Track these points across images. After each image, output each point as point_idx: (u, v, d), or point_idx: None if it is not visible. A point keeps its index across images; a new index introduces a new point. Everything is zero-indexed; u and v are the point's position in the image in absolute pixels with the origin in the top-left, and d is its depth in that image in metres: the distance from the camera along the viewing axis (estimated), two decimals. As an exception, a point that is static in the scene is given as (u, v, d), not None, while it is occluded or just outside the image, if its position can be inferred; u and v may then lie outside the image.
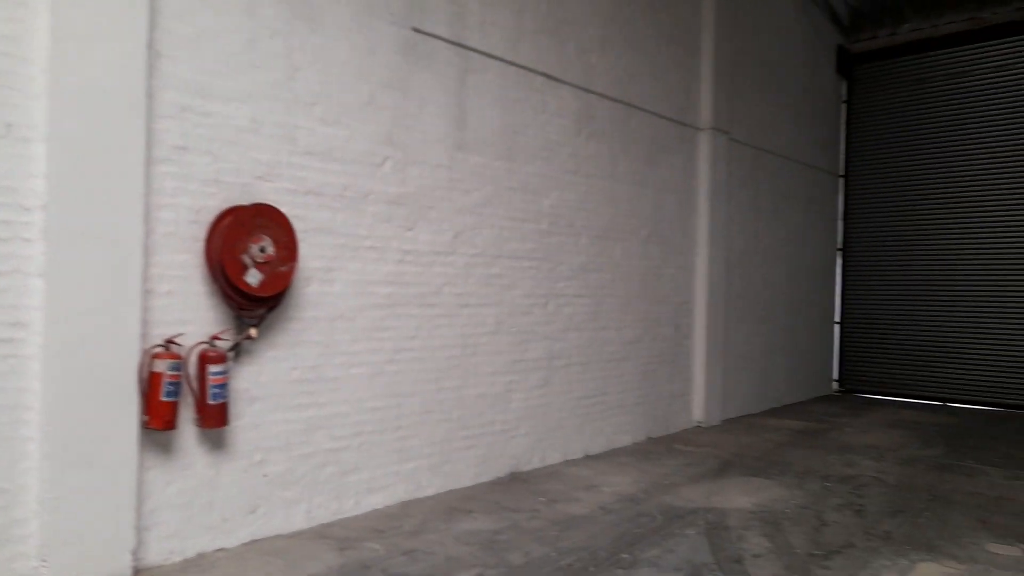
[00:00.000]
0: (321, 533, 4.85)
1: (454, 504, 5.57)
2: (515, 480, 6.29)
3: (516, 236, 6.52)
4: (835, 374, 12.30)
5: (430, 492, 5.75)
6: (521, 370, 6.57)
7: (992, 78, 10.99)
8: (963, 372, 11.15)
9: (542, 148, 6.75)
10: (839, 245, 12.32)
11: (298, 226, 4.74)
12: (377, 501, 5.37)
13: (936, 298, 11.42)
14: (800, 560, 4.60)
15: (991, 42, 10.99)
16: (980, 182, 11.07)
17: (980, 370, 11.01)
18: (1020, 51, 10.77)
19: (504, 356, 6.41)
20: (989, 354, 10.93)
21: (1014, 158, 10.79)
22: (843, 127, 12.32)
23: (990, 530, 5.21)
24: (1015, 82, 10.79)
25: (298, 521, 4.90)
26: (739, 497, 5.88)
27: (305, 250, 4.85)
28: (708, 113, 8.69)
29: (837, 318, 12.28)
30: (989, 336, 10.94)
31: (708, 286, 8.73)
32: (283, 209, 4.66)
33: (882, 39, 11.98)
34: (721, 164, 8.88)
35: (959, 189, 11.25)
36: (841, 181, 12.31)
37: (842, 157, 12.32)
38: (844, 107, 12.31)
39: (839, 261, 12.31)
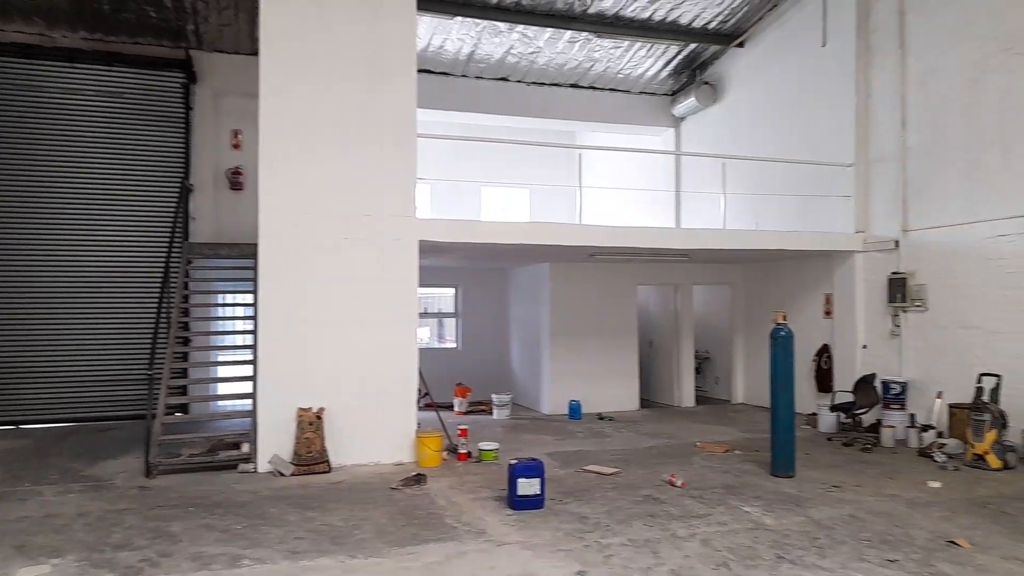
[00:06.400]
0: None
1: None
2: None
3: None
4: None
5: None
6: None
7: (73, 99, 11.12)
8: (40, 392, 10.92)
9: None
10: None
11: None
12: None
13: (13, 320, 10.86)
14: None
15: (65, 64, 11.11)
16: (63, 203, 11.06)
17: (57, 388, 10.98)
18: (93, 77, 11.26)
19: None
20: (65, 372, 11.01)
21: (101, 182, 11.20)
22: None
23: (26, 553, 5.09)
24: (94, 106, 11.21)
25: None
26: None
27: None
28: None
29: None
30: (66, 354, 11.04)
31: None
32: None
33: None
34: None
35: (41, 208, 10.99)
36: None
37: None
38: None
39: None
